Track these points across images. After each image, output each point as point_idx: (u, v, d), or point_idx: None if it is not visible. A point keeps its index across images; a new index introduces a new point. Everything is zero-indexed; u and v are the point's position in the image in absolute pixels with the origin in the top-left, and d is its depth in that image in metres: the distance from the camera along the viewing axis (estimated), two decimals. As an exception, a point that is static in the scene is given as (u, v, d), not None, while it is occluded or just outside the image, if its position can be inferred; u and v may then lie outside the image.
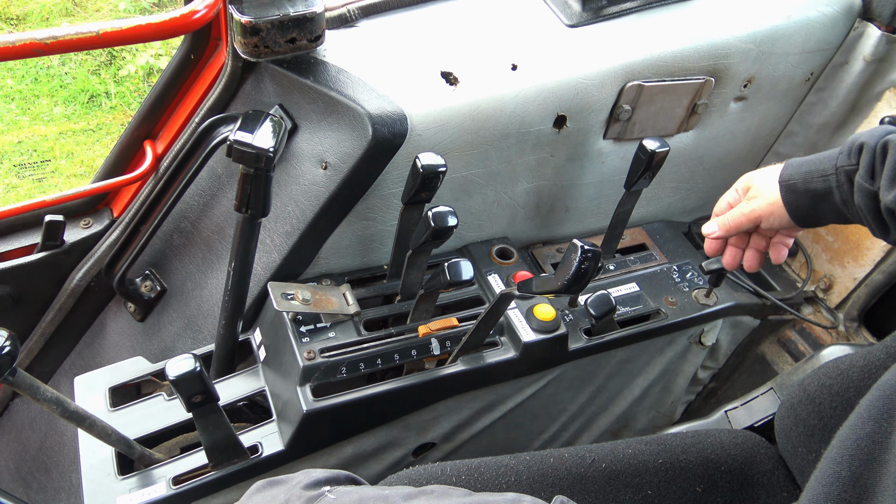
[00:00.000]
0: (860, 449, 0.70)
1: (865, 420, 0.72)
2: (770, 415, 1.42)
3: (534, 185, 1.44)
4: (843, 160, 1.00)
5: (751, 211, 1.11)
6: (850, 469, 0.70)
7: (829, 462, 0.73)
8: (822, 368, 1.07)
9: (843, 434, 0.74)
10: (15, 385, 0.95)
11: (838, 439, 0.74)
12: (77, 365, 1.63)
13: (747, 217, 1.12)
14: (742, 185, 1.16)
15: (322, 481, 0.74)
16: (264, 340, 1.30)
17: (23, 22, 3.87)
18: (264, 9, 1.11)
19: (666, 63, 1.36)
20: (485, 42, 1.32)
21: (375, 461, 1.37)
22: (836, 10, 1.45)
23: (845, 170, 1.00)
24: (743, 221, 1.12)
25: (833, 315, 1.72)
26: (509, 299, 1.15)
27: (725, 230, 1.15)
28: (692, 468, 1.08)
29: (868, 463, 0.69)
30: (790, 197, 1.06)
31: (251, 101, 1.28)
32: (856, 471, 0.69)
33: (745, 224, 1.13)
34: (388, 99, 1.18)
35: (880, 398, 0.72)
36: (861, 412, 0.73)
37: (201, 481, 1.16)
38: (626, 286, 1.49)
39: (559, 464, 1.05)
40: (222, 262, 1.37)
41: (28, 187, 3.21)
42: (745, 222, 1.12)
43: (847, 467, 0.70)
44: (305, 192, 1.23)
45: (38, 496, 1.61)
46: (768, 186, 1.09)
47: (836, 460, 0.72)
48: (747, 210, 1.11)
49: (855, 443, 0.71)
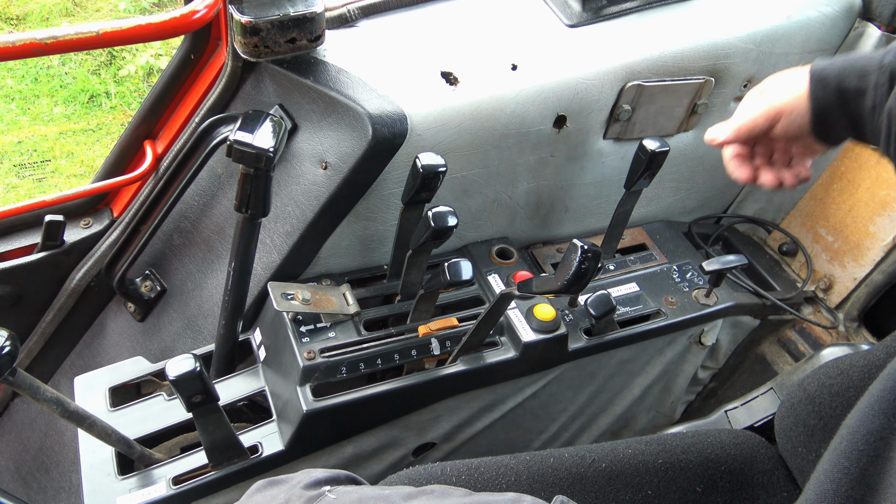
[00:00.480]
0: (869, 444, 0.69)
1: (877, 413, 0.70)
2: (770, 415, 1.42)
3: (534, 185, 1.44)
4: (892, 59, 0.86)
5: (769, 106, 0.93)
6: (858, 464, 0.69)
7: (838, 455, 0.71)
8: (822, 368, 1.07)
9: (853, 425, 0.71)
10: (15, 385, 0.95)
11: (848, 430, 0.72)
12: (77, 365, 1.63)
13: (765, 114, 0.94)
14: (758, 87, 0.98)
15: (322, 481, 0.74)
16: (264, 340, 1.30)
17: (23, 22, 3.87)
18: (264, 9, 1.11)
19: (666, 63, 1.36)
20: (485, 42, 1.32)
21: (375, 461, 1.37)
22: (836, 10, 1.45)
23: (891, 68, 0.85)
24: (759, 120, 0.95)
25: (833, 315, 1.72)
26: (509, 299, 1.15)
27: (736, 132, 0.97)
28: (692, 468, 1.08)
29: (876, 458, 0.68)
30: (819, 90, 0.90)
31: (251, 101, 1.28)
32: (864, 466, 0.69)
33: (762, 123, 0.95)
34: (388, 99, 1.18)
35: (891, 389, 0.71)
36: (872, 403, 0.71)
37: (201, 481, 1.16)
38: (626, 286, 1.49)
39: (559, 464, 1.05)
40: (222, 262, 1.37)
41: (28, 187, 3.21)
42: (763, 121, 0.94)
43: (856, 462, 0.69)
44: (305, 192, 1.23)
45: (38, 496, 1.61)
46: (790, 81, 0.93)
47: (846, 454, 0.71)
48: (765, 105, 0.93)
49: (864, 437, 0.70)
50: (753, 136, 0.98)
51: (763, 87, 0.99)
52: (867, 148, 1.59)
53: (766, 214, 1.83)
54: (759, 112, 0.95)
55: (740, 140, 0.99)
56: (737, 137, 0.98)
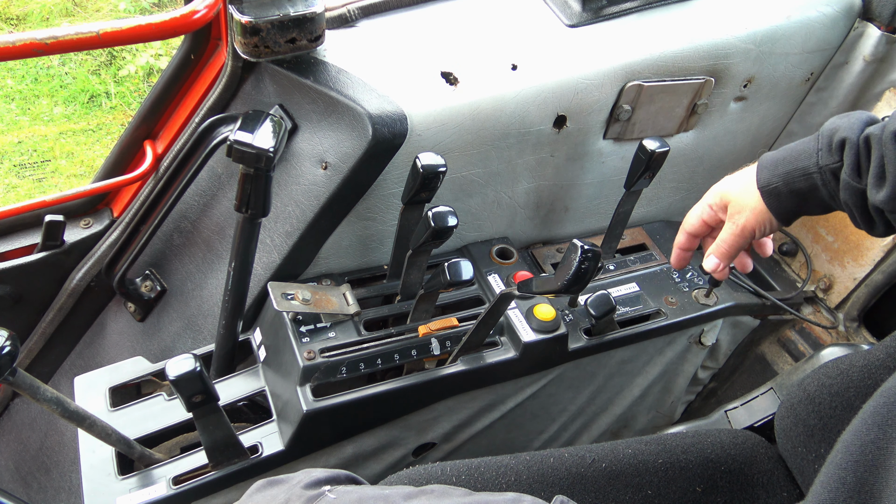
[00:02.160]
0: (865, 455, 0.70)
1: (870, 426, 0.71)
2: (770, 415, 1.42)
3: (534, 185, 1.44)
4: (826, 158, 0.96)
5: (742, 229, 1.06)
6: (855, 475, 0.70)
7: (834, 467, 0.72)
8: (821, 368, 1.07)
9: (848, 440, 0.73)
10: (15, 385, 0.95)
11: (842, 444, 0.73)
12: (77, 365, 1.63)
13: (741, 237, 1.06)
14: (717, 202, 1.11)
15: (322, 481, 0.74)
16: (264, 340, 1.30)
17: (23, 22, 3.87)
18: (264, 9, 1.11)
19: (666, 63, 1.36)
20: (485, 42, 1.32)
21: (375, 461, 1.37)
22: (836, 10, 1.45)
23: (830, 168, 0.96)
24: (740, 242, 1.07)
25: (833, 315, 1.72)
26: (509, 299, 1.15)
27: (727, 259, 1.10)
28: (692, 468, 1.08)
29: (873, 469, 0.68)
30: (774, 202, 1.02)
31: (251, 101, 1.28)
32: (861, 476, 0.69)
33: (743, 244, 1.08)
34: (388, 99, 1.18)
35: (884, 405, 0.72)
36: (865, 418, 0.73)
37: (201, 481, 1.16)
38: (626, 286, 1.49)
39: (559, 464, 1.05)
40: (222, 262, 1.37)
41: (28, 187, 3.21)
42: (742, 242, 1.07)
43: (852, 473, 0.70)
44: (305, 192, 1.23)
45: (38, 496, 1.61)
46: (748, 196, 1.04)
47: (842, 466, 0.71)
48: (738, 230, 1.06)
49: (860, 448, 0.71)
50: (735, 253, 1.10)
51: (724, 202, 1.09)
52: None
53: (766, 214, 1.82)
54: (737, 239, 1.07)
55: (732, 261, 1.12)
56: (730, 262, 1.11)
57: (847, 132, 0.95)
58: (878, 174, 0.91)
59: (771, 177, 1.01)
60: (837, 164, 0.96)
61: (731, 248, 1.08)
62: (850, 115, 0.99)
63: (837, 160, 0.96)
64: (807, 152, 0.99)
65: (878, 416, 0.71)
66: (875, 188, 0.91)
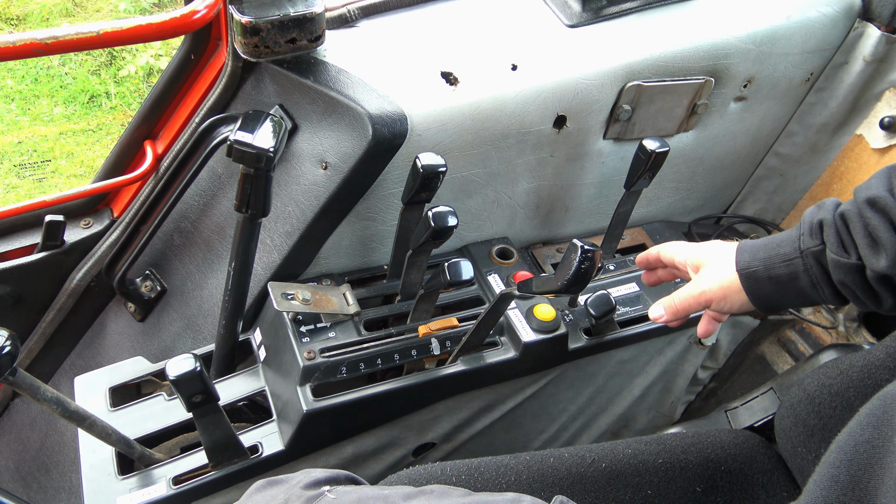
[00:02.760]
0: (859, 454, 0.70)
1: (864, 427, 0.72)
2: (770, 415, 1.42)
3: (534, 185, 1.44)
4: (808, 242, 0.97)
5: (700, 294, 1.06)
6: (848, 472, 0.70)
7: (828, 466, 0.73)
8: (821, 368, 1.07)
9: (842, 440, 0.73)
10: (15, 385, 0.95)
11: (836, 445, 0.74)
12: (77, 365, 1.63)
13: (697, 301, 1.07)
14: (691, 261, 1.12)
15: (322, 481, 0.74)
16: (264, 340, 1.30)
17: (23, 22, 3.87)
18: (264, 9, 1.11)
19: (666, 63, 1.36)
20: (485, 42, 1.32)
21: (375, 461, 1.37)
22: (836, 11, 1.45)
23: (812, 252, 0.97)
24: (692, 304, 1.08)
25: (833, 315, 1.72)
26: (509, 299, 1.15)
27: (673, 314, 1.11)
28: (692, 468, 1.08)
29: (867, 467, 0.69)
30: (753, 286, 1.02)
31: (251, 101, 1.28)
32: (855, 474, 0.69)
33: (695, 308, 1.08)
34: (388, 99, 1.18)
35: (880, 406, 0.73)
36: (860, 419, 0.73)
37: (201, 481, 1.16)
38: (626, 286, 1.49)
39: (559, 464, 1.05)
40: (222, 262, 1.37)
41: (28, 187, 3.21)
42: (695, 305, 1.08)
43: (846, 471, 0.70)
44: (305, 192, 1.23)
45: (38, 496, 1.61)
46: (723, 271, 1.05)
47: (835, 464, 0.72)
48: (696, 293, 1.07)
49: (853, 448, 0.71)
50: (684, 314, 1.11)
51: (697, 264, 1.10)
52: (867, 149, 1.59)
53: (766, 214, 1.83)
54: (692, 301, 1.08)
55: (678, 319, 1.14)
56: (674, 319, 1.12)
57: (823, 214, 0.97)
58: (869, 244, 0.92)
59: (751, 260, 1.02)
60: (819, 247, 0.97)
61: (682, 309, 1.09)
62: (823, 202, 1.01)
63: (819, 243, 0.97)
64: (789, 239, 1.00)
65: (874, 417, 0.72)
66: (873, 257, 0.92)
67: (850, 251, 0.94)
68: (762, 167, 1.74)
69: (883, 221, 0.91)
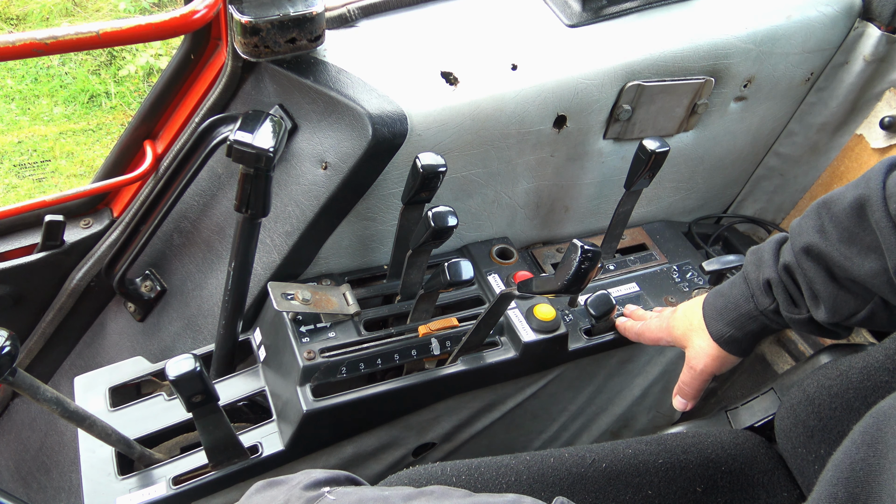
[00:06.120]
0: (855, 472, 0.71)
1: (859, 445, 0.72)
2: (770, 415, 1.41)
3: (534, 185, 1.44)
4: (763, 301, 1.04)
5: (700, 374, 1.16)
6: (846, 490, 0.70)
7: (825, 485, 0.73)
8: (821, 369, 1.07)
9: (838, 458, 0.74)
10: (15, 385, 0.95)
11: (833, 463, 0.74)
12: (77, 365, 1.63)
13: (701, 379, 1.17)
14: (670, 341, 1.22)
15: (322, 482, 0.74)
16: (264, 340, 1.30)
17: (23, 22, 3.87)
18: (264, 9, 1.11)
19: (666, 63, 1.36)
20: (485, 42, 1.32)
21: (375, 461, 1.37)
22: (836, 10, 1.45)
23: (770, 310, 1.04)
24: (700, 384, 1.18)
25: (833, 315, 1.71)
26: (509, 299, 1.15)
27: (695, 398, 1.21)
28: (692, 468, 1.08)
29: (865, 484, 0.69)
30: (735, 348, 1.11)
31: (251, 101, 1.28)
32: (853, 492, 0.70)
33: (704, 384, 1.18)
34: (388, 99, 1.18)
35: (873, 424, 0.73)
36: (854, 438, 0.74)
37: (201, 481, 1.16)
38: (626, 286, 1.49)
39: (559, 464, 1.05)
40: (222, 262, 1.37)
41: (28, 187, 3.21)
42: (702, 382, 1.18)
43: (843, 489, 0.71)
44: (305, 192, 1.23)
45: (38, 496, 1.61)
46: (702, 344, 1.13)
47: (832, 482, 0.72)
48: (698, 374, 1.16)
49: (850, 466, 0.71)
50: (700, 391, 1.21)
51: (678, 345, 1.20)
52: (867, 148, 1.59)
53: (766, 214, 1.83)
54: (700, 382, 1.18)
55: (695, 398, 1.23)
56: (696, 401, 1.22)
57: (767, 272, 1.03)
58: (811, 296, 0.98)
59: (723, 327, 1.10)
60: (773, 305, 1.04)
61: (695, 390, 1.19)
62: (760, 249, 1.06)
63: (772, 301, 1.04)
64: (744, 296, 1.07)
65: (868, 436, 0.72)
66: (815, 309, 0.98)
67: (801, 305, 1.01)
68: (762, 167, 1.74)
69: (819, 271, 0.96)
